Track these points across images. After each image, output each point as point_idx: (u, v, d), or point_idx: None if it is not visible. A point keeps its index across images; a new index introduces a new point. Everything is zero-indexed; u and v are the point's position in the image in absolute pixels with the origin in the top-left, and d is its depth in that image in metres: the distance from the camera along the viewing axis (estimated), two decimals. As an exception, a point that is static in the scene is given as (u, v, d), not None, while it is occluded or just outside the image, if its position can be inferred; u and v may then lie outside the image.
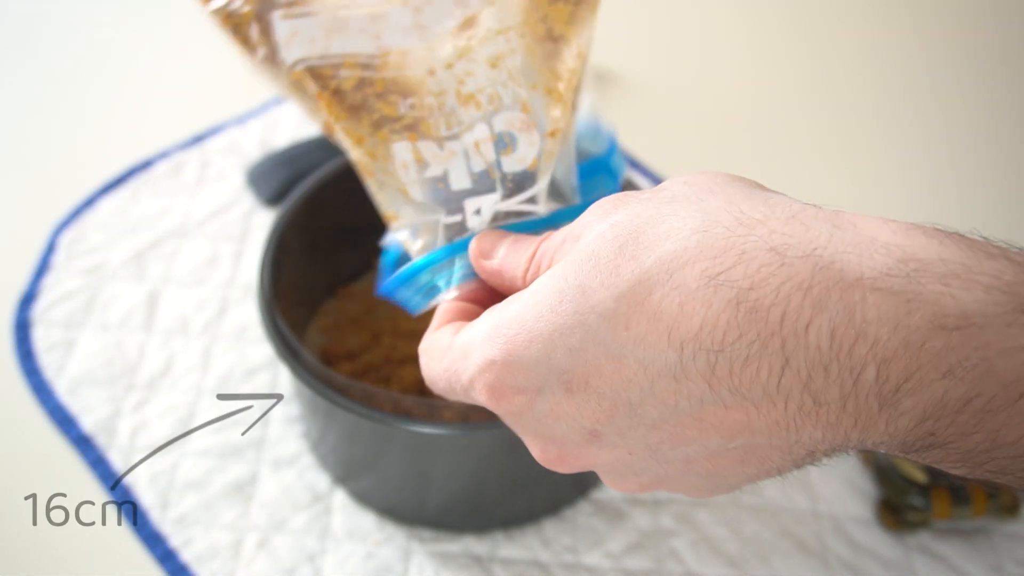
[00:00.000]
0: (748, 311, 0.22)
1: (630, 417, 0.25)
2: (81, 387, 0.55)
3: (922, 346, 0.21)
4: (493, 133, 0.32)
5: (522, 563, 0.48)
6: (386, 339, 0.54)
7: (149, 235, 0.64)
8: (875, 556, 0.48)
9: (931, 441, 0.22)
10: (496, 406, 0.28)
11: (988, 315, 0.20)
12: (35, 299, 0.59)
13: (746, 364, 0.23)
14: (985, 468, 0.22)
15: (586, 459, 0.28)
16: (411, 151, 0.32)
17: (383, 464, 0.46)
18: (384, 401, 0.42)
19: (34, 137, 0.72)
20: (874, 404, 0.22)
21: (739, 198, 0.25)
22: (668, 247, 0.24)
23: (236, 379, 0.56)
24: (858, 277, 0.22)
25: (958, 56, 0.79)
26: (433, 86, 0.31)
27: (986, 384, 0.21)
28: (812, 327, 0.22)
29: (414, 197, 0.33)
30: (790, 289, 0.22)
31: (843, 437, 0.23)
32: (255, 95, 0.74)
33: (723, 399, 0.24)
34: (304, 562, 0.48)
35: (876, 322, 0.21)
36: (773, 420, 0.23)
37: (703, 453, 0.26)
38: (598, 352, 0.25)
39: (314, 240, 0.53)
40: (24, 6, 0.85)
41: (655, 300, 0.24)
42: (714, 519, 0.49)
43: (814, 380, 0.22)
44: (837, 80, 0.77)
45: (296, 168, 0.65)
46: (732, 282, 0.23)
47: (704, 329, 0.23)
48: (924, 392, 0.21)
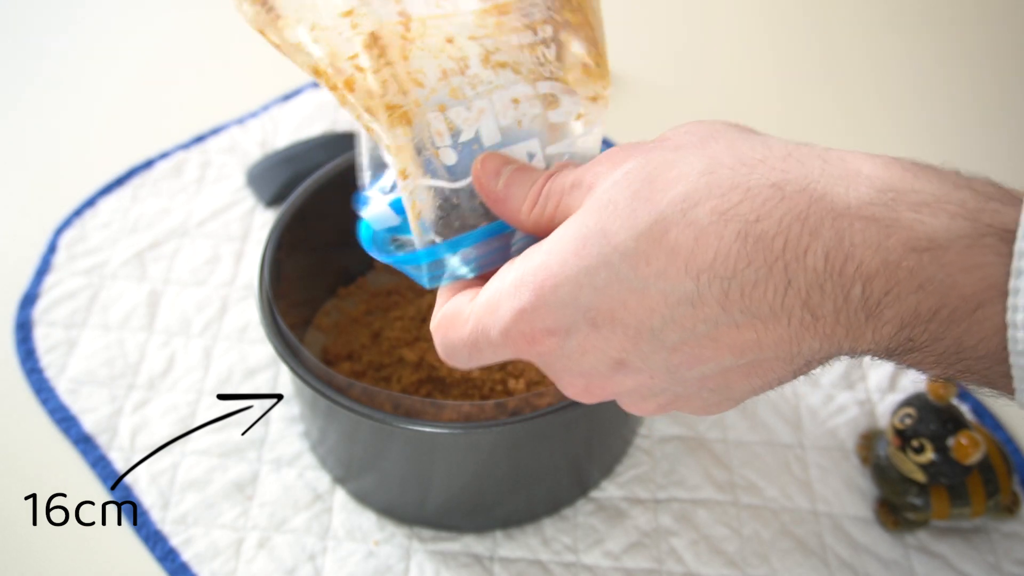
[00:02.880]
0: (755, 240, 0.26)
1: (652, 342, 0.28)
2: (82, 387, 0.55)
3: (898, 265, 0.24)
4: (538, 93, 0.33)
5: (522, 562, 0.48)
6: (386, 339, 0.54)
7: (150, 235, 0.64)
8: (874, 555, 0.48)
9: (909, 346, 0.26)
10: (527, 351, 0.30)
11: (952, 238, 0.24)
12: (36, 299, 0.60)
13: (755, 287, 0.26)
14: (955, 368, 0.26)
15: (612, 387, 0.30)
16: (443, 120, 0.33)
17: (383, 464, 0.47)
18: (384, 400, 0.42)
19: (34, 137, 0.73)
20: (861, 316, 0.25)
21: (738, 142, 0.28)
22: (680, 189, 0.27)
23: (236, 379, 0.56)
24: (846, 206, 0.25)
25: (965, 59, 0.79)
26: (454, 52, 0.32)
27: (950, 297, 0.24)
28: (810, 252, 0.25)
29: (446, 161, 0.33)
30: (791, 220, 0.25)
31: (837, 346, 0.27)
32: (256, 95, 0.75)
33: (735, 319, 0.27)
34: (304, 561, 0.48)
35: (861, 245, 0.25)
36: (778, 335, 0.27)
37: (716, 370, 0.28)
38: (622, 287, 0.27)
39: (314, 240, 0.53)
40: (24, 6, 0.85)
41: (672, 237, 0.26)
42: (714, 518, 0.49)
43: (812, 297, 0.26)
44: (838, 80, 0.77)
45: (296, 168, 0.66)
46: (740, 216, 0.26)
47: (717, 259, 0.26)
48: (901, 304, 0.25)
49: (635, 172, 0.28)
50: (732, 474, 0.51)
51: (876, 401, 0.55)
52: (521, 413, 0.42)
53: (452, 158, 0.33)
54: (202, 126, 0.72)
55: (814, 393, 0.55)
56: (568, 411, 0.42)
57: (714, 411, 0.31)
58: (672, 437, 0.53)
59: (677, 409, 0.31)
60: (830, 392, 0.55)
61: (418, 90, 0.32)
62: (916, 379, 0.55)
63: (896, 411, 0.48)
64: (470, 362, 0.32)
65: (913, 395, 0.48)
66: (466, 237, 0.34)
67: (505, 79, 0.33)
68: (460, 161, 0.34)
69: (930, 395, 0.47)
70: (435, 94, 0.32)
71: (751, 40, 0.82)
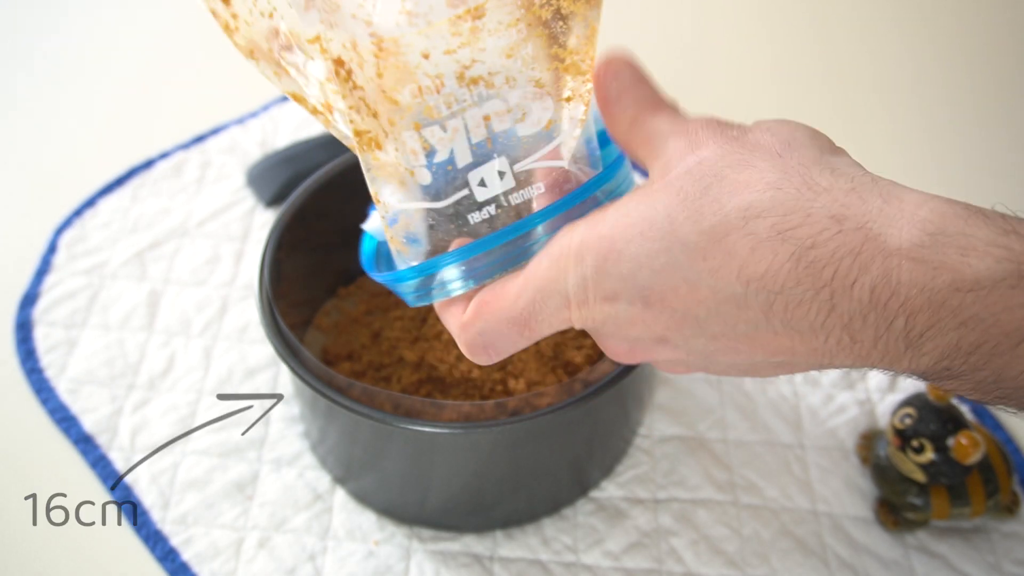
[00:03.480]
0: (807, 265, 0.27)
1: (695, 328, 0.30)
2: (82, 387, 0.55)
3: (943, 304, 0.26)
4: (509, 107, 0.33)
5: (522, 562, 0.48)
6: (386, 339, 0.54)
7: (150, 235, 0.64)
8: (874, 555, 0.48)
9: (947, 375, 0.27)
10: (580, 315, 0.32)
11: (996, 280, 0.25)
12: (36, 299, 0.60)
13: (799, 305, 0.28)
14: (993, 395, 0.28)
15: (652, 355, 0.33)
16: (418, 140, 0.33)
17: (383, 463, 0.47)
18: (384, 400, 0.42)
19: (34, 137, 0.73)
20: (901, 345, 0.27)
21: (810, 160, 0.29)
22: (746, 197, 0.28)
23: (237, 379, 0.56)
24: (897, 247, 0.26)
25: (967, 59, 0.79)
26: (429, 69, 0.32)
27: (992, 333, 0.26)
28: (857, 284, 0.27)
29: (421, 181, 0.33)
30: (843, 253, 0.27)
31: (869, 366, 0.29)
32: (256, 95, 0.75)
33: (775, 328, 0.29)
34: (304, 561, 0.48)
35: (908, 284, 0.26)
36: (813, 348, 0.29)
37: (748, 363, 0.31)
38: (677, 276, 0.29)
39: (314, 240, 0.53)
40: (24, 6, 0.85)
41: (731, 241, 0.28)
42: (714, 518, 0.49)
43: (854, 323, 0.27)
44: (838, 80, 0.77)
45: (296, 168, 0.66)
46: (797, 239, 0.27)
47: (768, 274, 0.28)
48: (942, 338, 0.26)
49: (709, 163, 0.30)
50: (732, 474, 0.51)
51: (876, 401, 0.55)
52: (521, 413, 0.42)
53: (427, 178, 0.33)
54: (202, 126, 0.72)
55: (814, 393, 0.55)
56: (568, 411, 0.42)
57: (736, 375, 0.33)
58: (672, 437, 0.53)
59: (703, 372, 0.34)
60: (830, 392, 0.55)
61: (392, 109, 0.32)
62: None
63: (896, 411, 0.48)
64: (514, 346, 0.33)
65: (913, 395, 0.48)
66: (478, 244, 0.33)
67: (478, 96, 0.33)
68: (435, 181, 0.34)
69: (930, 395, 0.47)
70: (410, 112, 0.32)
71: (749, 36, 0.82)
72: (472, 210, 0.34)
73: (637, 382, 0.47)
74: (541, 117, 0.34)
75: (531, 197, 0.35)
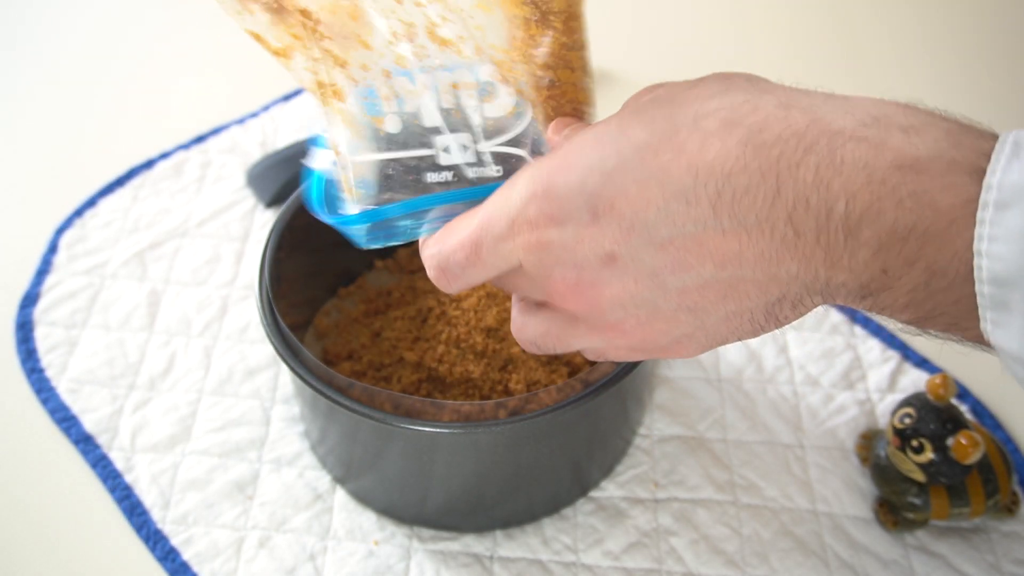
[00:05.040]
0: (754, 147, 0.28)
1: (644, 235, 0.30)
2: (82, 387, 0.55)
3: (882, 181, 0.26)
4: (477, 82, 0.34)
5: (522, 562, 0.48)
6: (386, 339, 0.54)
7: (150, 235, 0.64)
8: (874, 555, 0.48)
9: (883, 281, 0.27)
10: (526, 240, 0.31)
11: (933, 157, 0.26)
12: (37, 299, 0.60)
13: (746, 192, 0.28)
14: (925, 308, 0.27)
15: (599, 288, 0.31)
16: (388, 86, 0.33)
17: (383, 463, 0.47)
18: (384, 400, 0.42)
19: (35, 137, 0.73)
20: (841, 235, 0.27)
21: (754, 79, 0.31)
22: (696, 105, 0.30)
23: (237, 379, 0.56)
24: (841, 128, 0.27)
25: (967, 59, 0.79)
26: (404, 15, 0.32)
27: (926, 212, 0.26)
28: (802, 165, 0.27)
29: (390, 129, 0.34)
30: (790, 134, 0.28)
31: (813, 273, 0.28)
32: (256, 95, 0.75)
33: (723, 225, 0.29)
34: (305, 561, 0.48)
35: (851, 163, 0.27)
36: (760, 250, 0.29)
37: (696, 283, 0.30)
38: (626, 177, 0.29)
39: (314, 240, 0.53)
40: (24, 5, 0.85)
41: (681, 137, 0.29)
42: (713, 518, 0.50)
43: (797, 210, 0.27)
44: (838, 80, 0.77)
45: (296, 168, 0.65)
46: (745, 125, 0.28)
47: (716, 159, 0.28)
48: (879, 222, 0.26)
49: (661, 93, 0.31)
50: (732, 474, 0.51)
51: (876, 401, 0.55)
52: (521, 413, 0.42)
53: (397, 126, 0.34)
54: (202, 126, 0.72)
55: (814, 393, 0.55)
56: (568, 411, 0.42)
57: (687, 348, 0.33)
58: (672, 437, 0.53)
59: (652, 342, 0.32)
60: (830, 392, 0.55)
61: (365, 52, 0.32)
62: (916, 379, 0.55)
63: (896, 411, 0.48)
64: (464, 272, 0.33)
65: (913, 395, 0.48)
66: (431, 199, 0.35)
67: (448, 60, 0.33)
68: (402, 132, 0.34)
69: (930, 395, 0.47)
70: (382, 58, 0.33)
71: (738, 34, 0.82)
72: (432, 170, 0.35)
73: (637, 382, 0.47)
74: (506, 102, 0.34)
75: (489, 176, 0.36)
